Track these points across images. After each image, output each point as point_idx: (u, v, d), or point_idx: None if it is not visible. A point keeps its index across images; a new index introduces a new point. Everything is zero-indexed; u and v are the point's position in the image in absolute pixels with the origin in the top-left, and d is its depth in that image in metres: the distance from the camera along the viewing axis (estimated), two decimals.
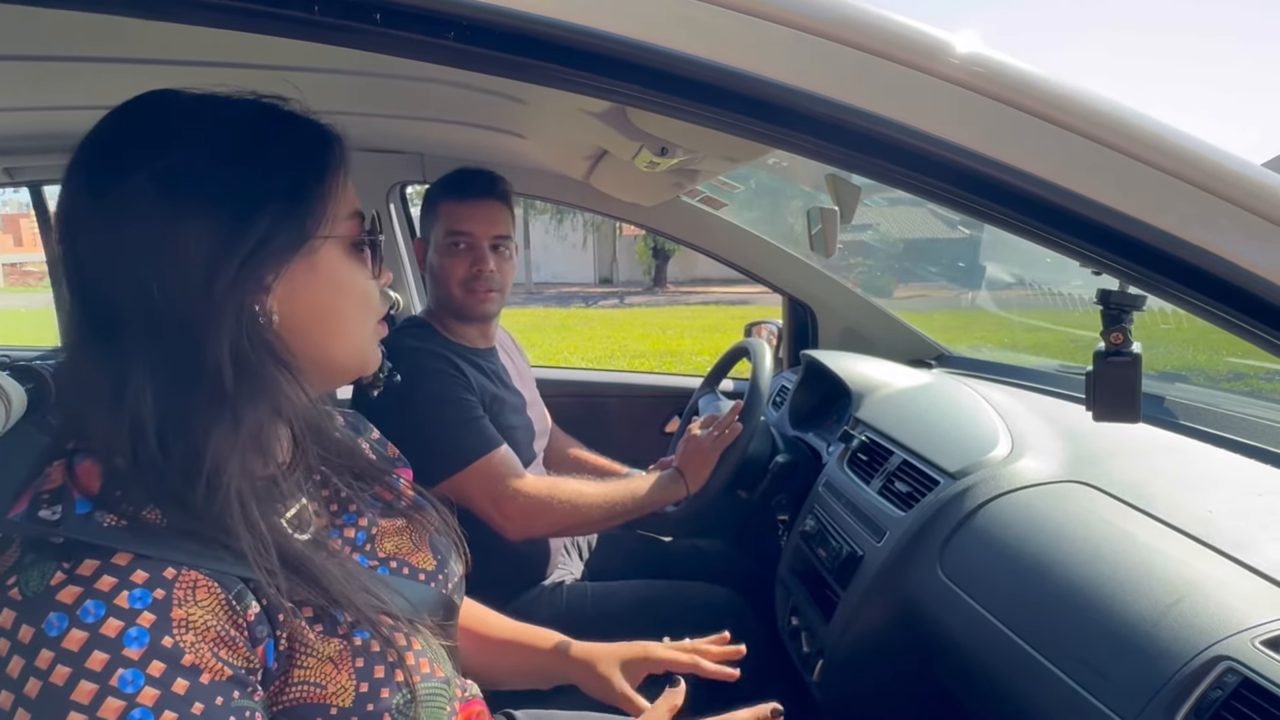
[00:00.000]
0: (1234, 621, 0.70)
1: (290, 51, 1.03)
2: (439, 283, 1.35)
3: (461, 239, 1.32)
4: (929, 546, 1.06)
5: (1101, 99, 0.52)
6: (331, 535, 0.63)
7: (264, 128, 0.56)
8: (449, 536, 0.74)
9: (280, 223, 0.54)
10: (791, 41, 0.49)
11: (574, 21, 0.45)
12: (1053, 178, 0.50)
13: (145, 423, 0.50)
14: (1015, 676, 0.86)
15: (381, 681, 0.55)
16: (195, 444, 0.51)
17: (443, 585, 0.70)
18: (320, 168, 0.57)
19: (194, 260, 0.51)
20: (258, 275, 0.53)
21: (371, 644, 0.56)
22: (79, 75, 1.09)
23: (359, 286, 0.60)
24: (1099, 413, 0.62)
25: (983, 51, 0.51)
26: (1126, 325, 0.60)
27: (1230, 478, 0.99)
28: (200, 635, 0.48)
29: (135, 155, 0.52)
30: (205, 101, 0.55)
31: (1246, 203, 0.50)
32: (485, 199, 1.34)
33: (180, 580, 0.48)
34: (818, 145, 0.52)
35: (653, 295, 18.12)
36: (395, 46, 0.45)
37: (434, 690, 0.60)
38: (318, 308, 0.57)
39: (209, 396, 0.51)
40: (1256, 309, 0.51)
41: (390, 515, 0.70)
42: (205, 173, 0.52)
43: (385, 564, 0.66)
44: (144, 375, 0.50)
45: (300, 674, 0.53)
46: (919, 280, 5.14)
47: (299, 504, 0.61)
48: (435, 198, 1.36)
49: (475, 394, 1.28)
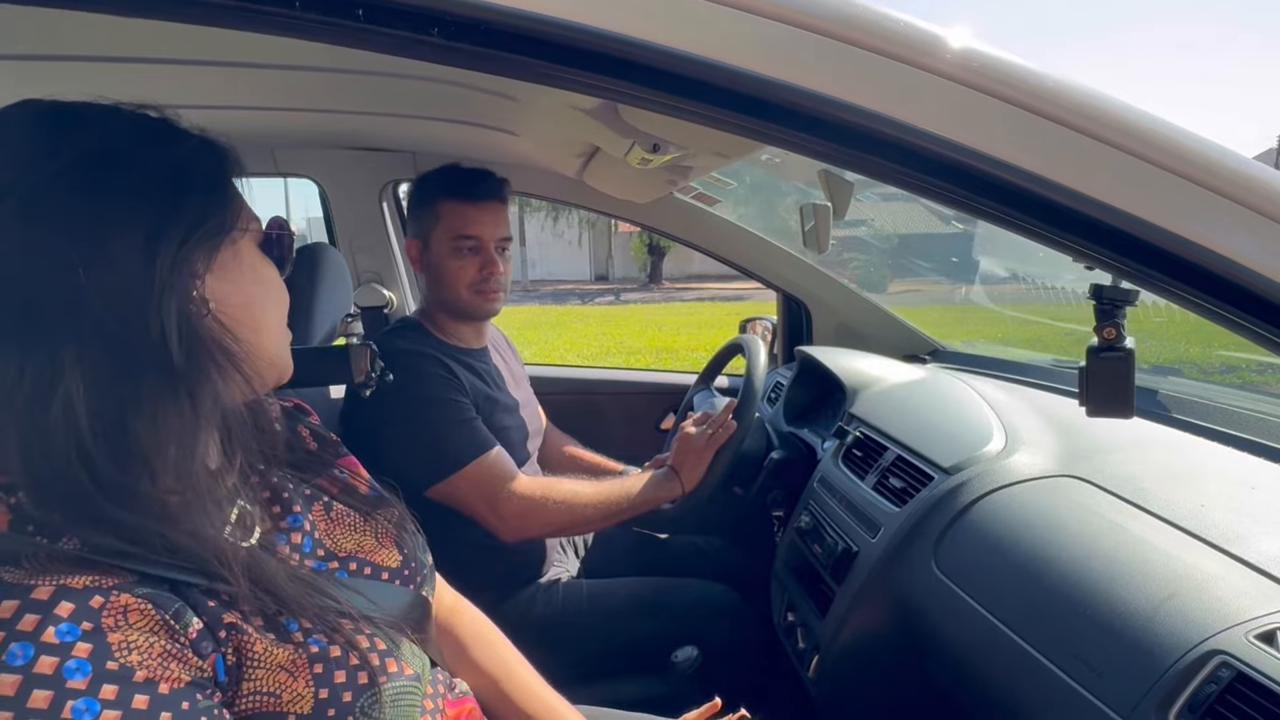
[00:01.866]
0: (1227, 616, 0.70)
1: (280, 50, 1.02)
2: (444, 285, 1.33)
3: (470, 242, 1.31)
4: (923, 542, 1.06)
5: (1093, 92, 0.52)
6: (278, 540, 0.61)
7: (166, 126, 0.57)
8: (408, 529, 0.73)
9: (210, 207, 0.55)
10: (782, 37, 0.48)
11: (561, 17, 0.44)
12: (1045, 172, 0.50)
13: (78, 414, 0.48)
14: (1009, 672, 0.86)
15: (343, 686, 0.54)
16: (141, 433, 0.49)
17: (410, 580, 0.69)
18: (228, 167, 0.59)
19: (129, 245, 0.50)
20: (193, 259, 0.53)
21: (330, 649, 0.55)
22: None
23: (275, 280, 0.63)
24: (1092, 408, 0.62)
25: (974, 46, 0.51)
26: (1119, 320, 0.60)
27: (1223, 471, 0.99)
28: (145, 652, 0.47)
29: (50, 144, 0.51)
30: (93, 105, 0.55)
31: (1240, 196, 0.50)
32: (493, 201, 1.34)
33: (109, 607, 0.46)
34: (808, 141, 0.51)
35: (648, 292, 18.11)
36: (378, 43, 0.44)
37: (403, 688, 0.59)
38: (244, 296, 0.58)
39: (154, 380, 0.50)
40: (1248, 303, 0.50)
41: (345, 506, 0.69)
42: (129, 158, 0.52)
43: (345, 565, 0.65)
44: (77, 375, 0.48)
45: (249, 686, 0.52)
46: (913, 275, 5.15)
47: (238, 508, 0.60)
48: (434, 197, 1.33)
49: (468, 396, 1.28)
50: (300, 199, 33.01)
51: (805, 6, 0.49)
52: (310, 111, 1.44)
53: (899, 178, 0.53)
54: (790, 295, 2.02)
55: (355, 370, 1.06)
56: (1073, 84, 0.52)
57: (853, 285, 2.07)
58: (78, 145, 0.51)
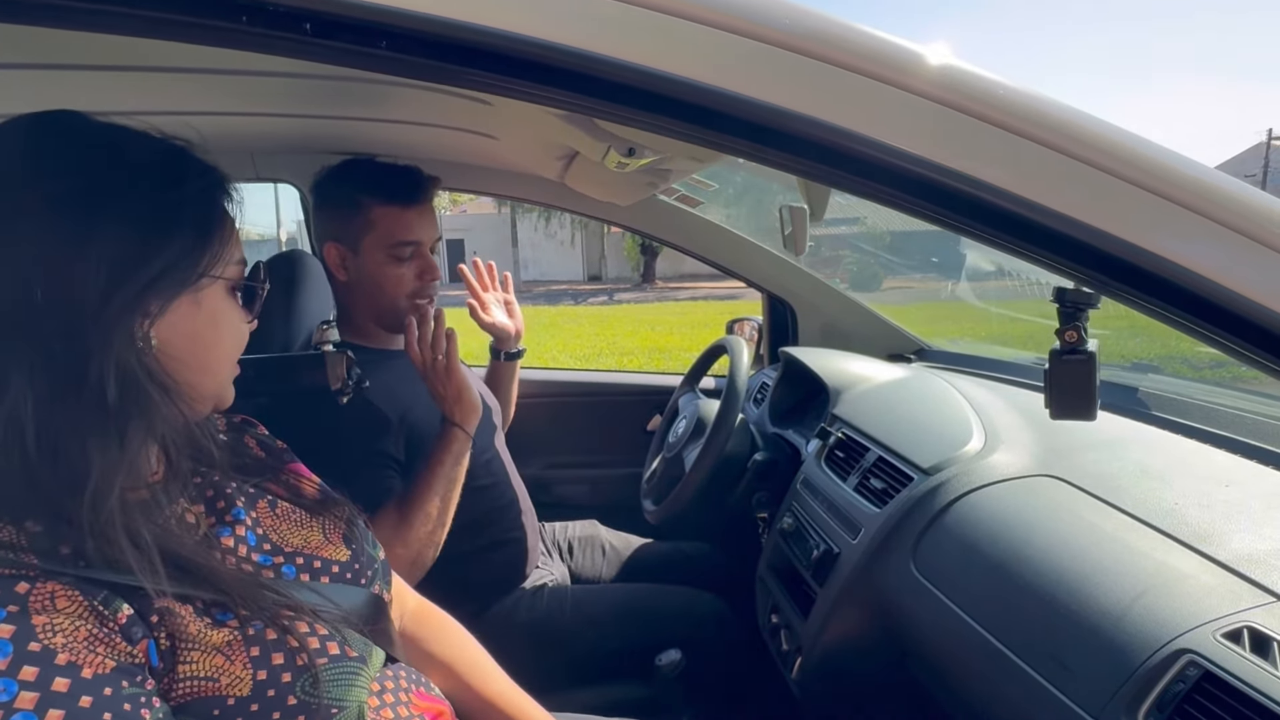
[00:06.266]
0: (1196, 614, 0.71)
1: (257, 57, 1.02)
2: (381, 293, 1.24)
3: (410, 248, 1.23)
4: (902, 543, 1.06)
5: (1054, 104, 0.52)
6: (222, 533, 0.62)
7: (177, 165, 0.58)
8: (358, 525, 0.74)
9: (184, 257, 0.57)
10: (750, 53, 0.48)
11: (511, 30, 0.44)
12: (1009, 186, 0.50)
13: (24, 429, 0.49)
14: (985, 672, 0.86)
15: (281, 667, 0.55)
16: (73, 458, 0.50)
17: (360, 576, 0.70)
18: (223, 211, 0.61)
19: (91, 280, 0.51)
20: (147, 303, 0.55)
21: (267, 631, 0.56)
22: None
23: (235, 326, 0.64)
24: (1055, 411, 0.62)
25: (944, 60, 0.51)
26: (1081, 323, 0.60)
27: (1198, 469, 1.00)
28: (70, 636, 0.47)
29: (43, 169, 0.52)
30: (117, 130, 0.57)
31: (1203, 209, 0.50)
32: (428, 203, 1.27)
33: (35, 593, 0.48)
34: (774, 156, 0.51)
35: (641, 291, 18.12)
36: (329, 55, 0.44)
37: (345, 669, 0.59)
38: (195, 340, 0.59)
39: (89, 412, 0.51)
40: (1214, 314, 0.50)
41: (291, 503, 0.70)
42: (117, 199, 0.53)
43: (291, 560, 0.66)
44: (24, 382, 0.49)
45: (186, 669, 0.53)
46: (902, 272, 5.16)
47: (181, 509, 0.61)
48: (362, 201, 1.22)
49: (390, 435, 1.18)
50: (290, 202, 32.90)
51: (773, 22, 0.48)
52: (289, 117, 1.43)
53: (869, 192, 0.53)
54: (775, 296, 2.02)
55: (332, 377, 1.05)
56: (1034, 96, 0.52)
57: (843, 285, 2.07)
58: (73, 175, 0.53)
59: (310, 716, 0.56)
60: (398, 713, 0.66)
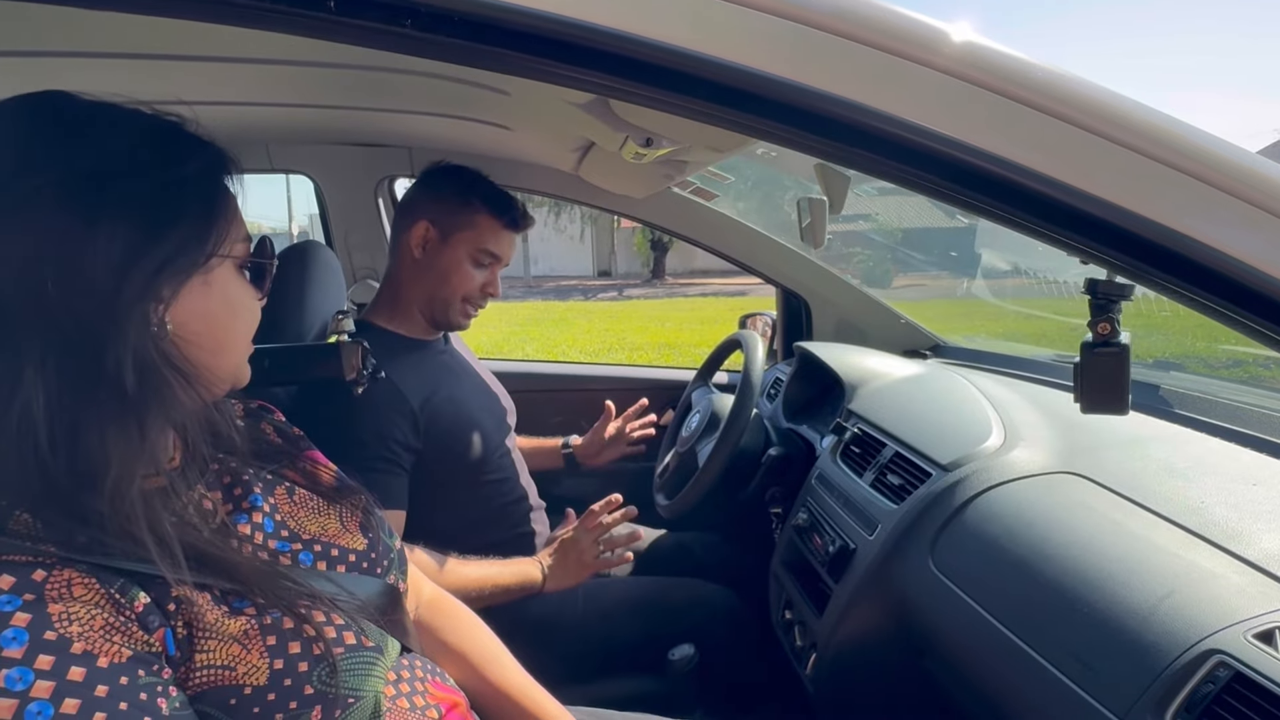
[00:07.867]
0: (1225, 614, 0.69)
1: (274, 45, 1.01)
2: (445, 284, 1.30)
3: (490, 260, 1.32)
4: (920, 540, 1.05)
5: (1088, 85, 0.51)
6: (239, 520, 0.62)
7: (174, 143, 0.57)
8: (375, 514, 0.74)
9: (192, 237, 0.56)
10: (775, 31, 0.47)
11: (536, 8, 0.43)
12: (1043, 169, 0.49)
13: (36, 423, 0.48)
14: (1005, 670, 0.85)
15: (298, 656, 0.55)
16: (92, 449, 0.50)
17: (376, 565, 0.69)
18: (225, 189, 0.60)
19: (102, 265, 0.50)
20: (161, 286, 0.54)
21: (284, 620, 0.55)
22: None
23: (247, 304, 0.63)
24: (1086, 404, 0.61)
25: (971, 39, 0.50)
26: (1114, 315, 0.59)
27: (1224, 467, 0.98)
28: (86, 625, 0.47)
29: (43, 154, 0.51)
30: (107, 109, 0.55)
31: (1241, 192, 0.49)
32: (519, 233, 1.36)
33: (52, 580, 0.47)
34: (801, 137, 0.50)
35: (651, 287, 18.09)
36: (351, 35, 0.43)
37: (363, 659, 0.59)
38: (209, 321, 0.59)
39: (108, 403, 0.51)
40: (1248, 299, 0.49)
41: (308, 490, 0.69)
42: (121, 181, 0.52)
43: (309, 547, 0.65)
44: (35, 375, 0.49)
45: (203, 658, 0.52)
46: (915, 270, 5.13)
47: (199, 495, 0.60)
48: (475, 204, 1.30)
49: (401, 439, 1.19)
50: (302, 195, 33.03)
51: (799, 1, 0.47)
52: (305, 107, 1.43)
53: (895, 174, 0.52)
54: (790, 290, 2.00)
55: (346, 367, 1.05)
56: (1069, 77, 0.50)
57: (855, 280, 2.05)
58: (75, 158, 0.52)
59: (327, 706, 0.55)
60: (414, 703, 0.65)
